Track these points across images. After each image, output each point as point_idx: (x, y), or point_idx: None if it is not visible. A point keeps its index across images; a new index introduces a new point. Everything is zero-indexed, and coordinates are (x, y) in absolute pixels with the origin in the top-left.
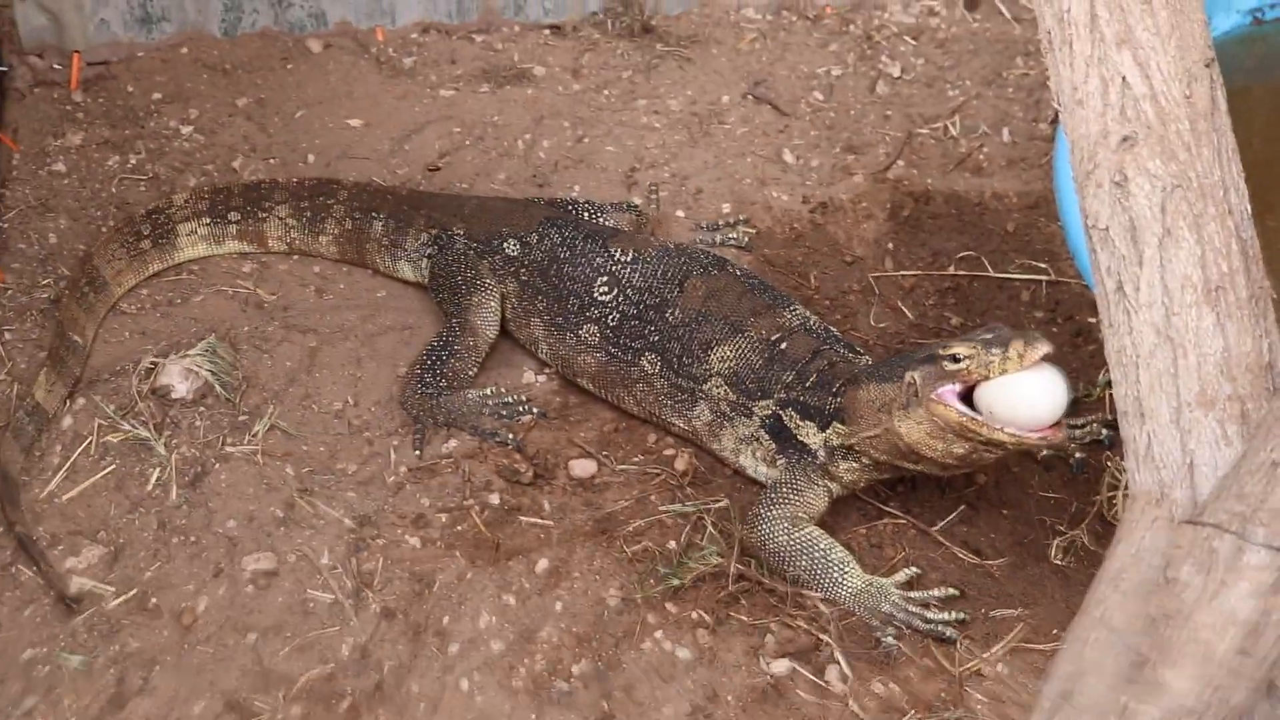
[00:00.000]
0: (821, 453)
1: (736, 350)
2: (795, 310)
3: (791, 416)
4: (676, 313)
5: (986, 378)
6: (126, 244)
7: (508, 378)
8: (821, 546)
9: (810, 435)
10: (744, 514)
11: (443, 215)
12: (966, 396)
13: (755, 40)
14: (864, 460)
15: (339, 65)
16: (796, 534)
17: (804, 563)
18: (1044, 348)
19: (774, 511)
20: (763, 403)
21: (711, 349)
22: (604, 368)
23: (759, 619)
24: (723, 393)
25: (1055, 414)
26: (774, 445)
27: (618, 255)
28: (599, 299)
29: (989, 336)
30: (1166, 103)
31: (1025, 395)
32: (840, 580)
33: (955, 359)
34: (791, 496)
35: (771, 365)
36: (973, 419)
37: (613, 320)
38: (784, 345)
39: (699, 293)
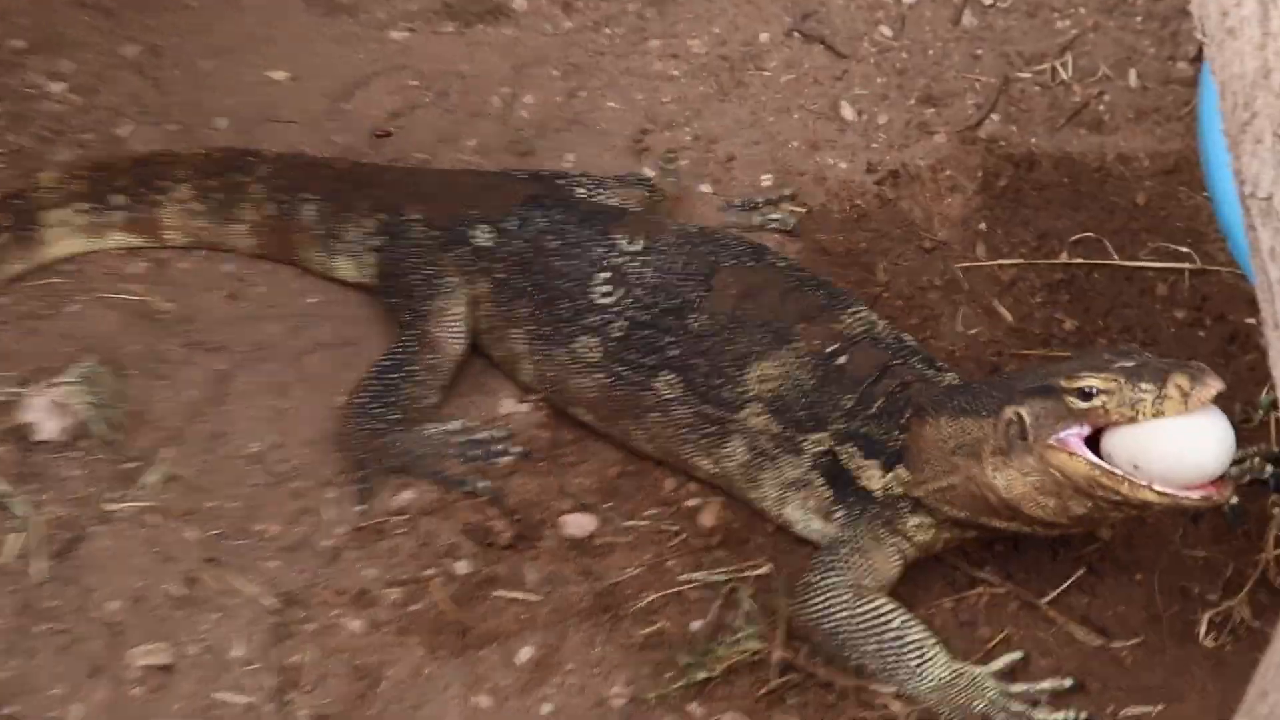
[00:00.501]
0: (885, 502)
1: (781, 367)
2: (858, 313)
3: (851, 454)
4: (702, 318)
5: (1132, 420)
6: None
7: (480, 407)
8: (894, 625)
9: (873, 479)
10: (792, 584)
11: (394, 195)
12: (1091, 441)
13: None
14: (937, 516)
15: (256, 0)
16: (861, 609)
17: (871, 646)
18: (1216, 384)
19: (831, 580)
20: (815, 436)
21: (748, 365)
22: (607, 393)
23: None
24: (763, 423)
25: (1221, 466)
26: (830, 492)
27: (623, 244)
28: (599, 302)
29: (1130, 365)
30: None
31: (1185, 444)
32: (919, 669)
33: (1086, 394)
34: (854, 559)
35: (827, 386)
36: (1110, 473)
37: (617, 330)
38: (843, 360)
39: (731, 292)
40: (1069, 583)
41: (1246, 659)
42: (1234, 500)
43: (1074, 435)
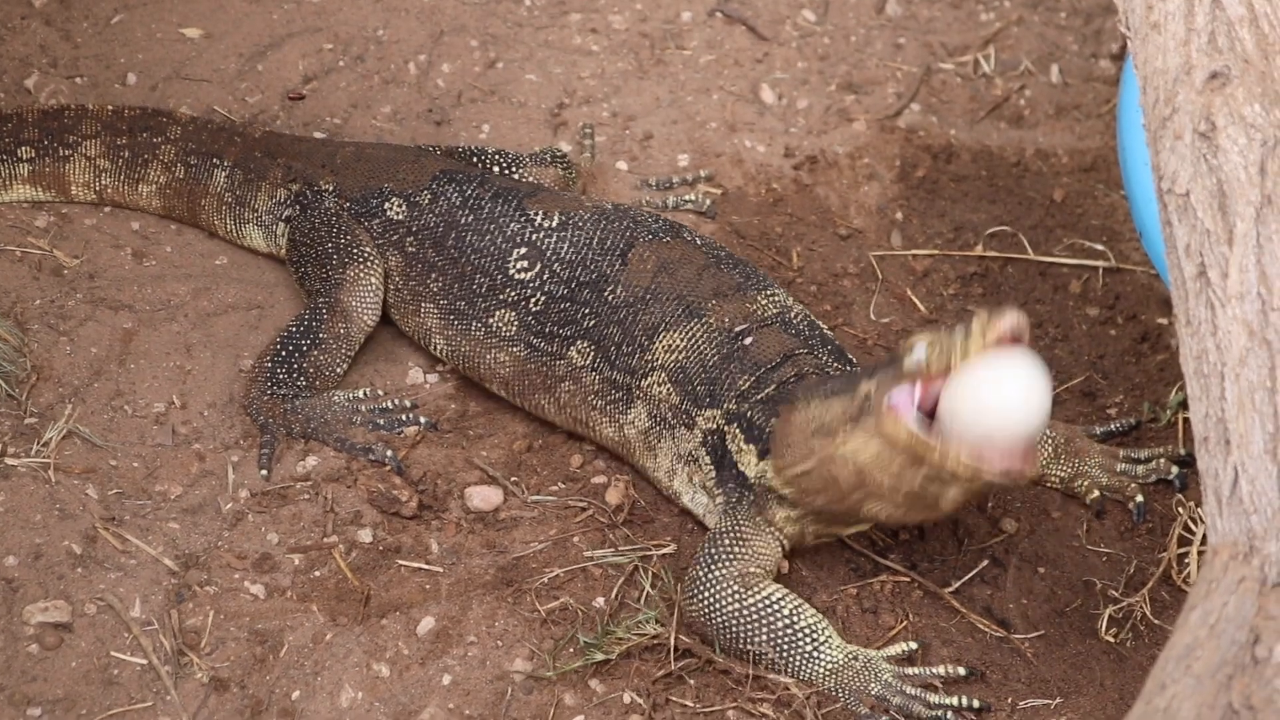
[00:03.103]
0: (756, 489)
1: (688, 338)
2: (774, 296)
3: (735, 436)
4: (619, 291)
5: (948, 370)
6: None
7: (388, 376)
8: (785, 612)
9: (750, 464)
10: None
11: (307, 165)
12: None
13: None
14: (799, 509)
15: None
16: (750, 598)
17: (764, 636)
18: (1013, 317)
19: (716, 572)
20: (709, 412)
21: (657, 335)
22: (523, 366)
23: (710, 705)
24: (665, 393)
25: (1030, 421)
26: (714, 472)
27: (539, 220)
28: (517, 278)
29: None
30: (1270, 28)
31: (986, 392)
32: (814, 654)
33: (916, 353)
34: (736, 549)
35: (728, 364)
36: (919, 438)
37: (535, 305)
38: (749, 340)
39: (648, 265)
40: (973, 574)
41: (1146, 655)
42: (1140, 498)
43: (905, 396)
